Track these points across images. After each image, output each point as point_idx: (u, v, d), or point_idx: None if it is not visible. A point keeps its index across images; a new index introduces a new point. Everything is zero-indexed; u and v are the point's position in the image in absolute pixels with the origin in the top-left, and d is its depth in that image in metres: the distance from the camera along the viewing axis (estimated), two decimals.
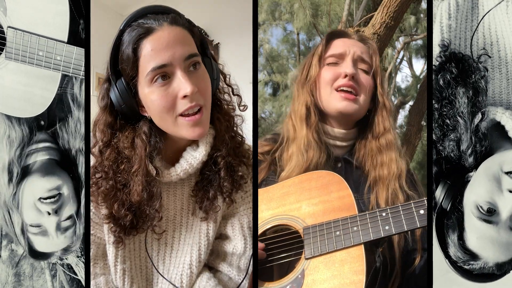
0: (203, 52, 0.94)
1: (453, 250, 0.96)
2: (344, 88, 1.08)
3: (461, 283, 0.98)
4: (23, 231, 1.11)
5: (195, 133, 0.89)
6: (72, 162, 1.13)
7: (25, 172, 1.11)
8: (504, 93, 1.02)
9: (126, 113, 0.92)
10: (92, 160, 0.96)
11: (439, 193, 0.98)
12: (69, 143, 1.13)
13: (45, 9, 1.08)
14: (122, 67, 0.89)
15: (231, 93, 1.03)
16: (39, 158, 1.12)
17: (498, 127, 0.99)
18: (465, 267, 0.95)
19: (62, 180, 1.11)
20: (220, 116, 0.98)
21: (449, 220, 0.96)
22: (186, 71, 0.87)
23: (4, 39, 1.08)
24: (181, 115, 0.88)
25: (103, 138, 0.93)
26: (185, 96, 0.86)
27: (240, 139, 1.03)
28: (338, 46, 1.12)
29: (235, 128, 1.02)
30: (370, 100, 1.12)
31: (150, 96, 0.88)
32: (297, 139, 1.10)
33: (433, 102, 1.00)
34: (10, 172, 1.10)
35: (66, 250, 1.13)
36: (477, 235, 0.92)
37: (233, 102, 1.03)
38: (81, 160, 1.11)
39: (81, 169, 1.11)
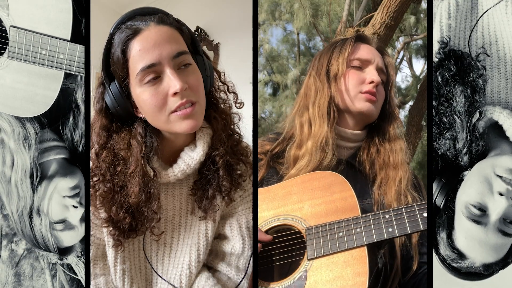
0: (195, 50, 0.95)
1: (442, 248, 0.96)
2: (368, 93, 1.11)
3: (461, 284, 0.99)
4: (50, 232, 1.12)
5: (188, 126, 0.89)
6: (81, 157, 1.14)
7: (44, 172, 1.12)
8: (503, 92, 1.02)
9: (121, 115, 0.93)
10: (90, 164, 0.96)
11: (433, 191, 0.98)
12: (75, 139, 1.14)
13: (47, 7, 1.08)
14: (113, 69, 0.90)
15: (226, 91, 1.02)
16: (52, 157, 1.13)
17: (495, 127, 0.99)
18: (454, 265, 0.96)
19: (80, 176, 1.13)
20: (216, 115, 0.98)
21: (440, 218, 0.96)
22: (176, 69, 0.88)
23: (7, 38, 1.08)
24: (174, 112, 0.88)
25: (99, 141, 0.94)
26: (175, 94, 0.86)
27: (238, 137, 1.03)
28: (364, 51, 1.14)
29: (232, 126, 1.02)
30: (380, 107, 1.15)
31: (142, 96, 0.88)
32: (314, 137, 1.09)
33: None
34: (31, 176, 1.10)
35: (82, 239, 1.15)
36: (466, 235, 0.92)
37: (229, 100, 1.03)
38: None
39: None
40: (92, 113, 0.99)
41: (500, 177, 0.91)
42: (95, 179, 0.94)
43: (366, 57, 1.13)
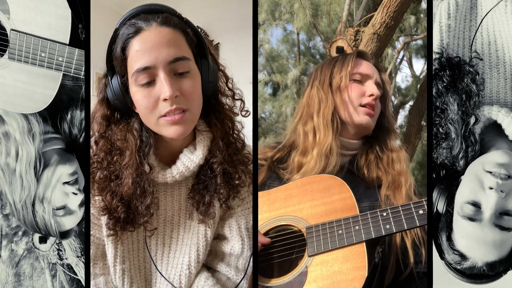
0: (201, 53, 0.94)
1: (445, 253, 0.97)
2: (368, 106, 1.16)
3: (461, 284, 0.99)
4: (53, 217, 1.14)
5: (175, 132, 0.89)
6: (79, 148, 1.16)
7: (46, 161, 1.14)
8: (502, 92, 1.03)
9: (120, 108, 0.94)
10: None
11: (435, 198, 0.99)
12: (73, 132, 1.15)
13: (47, 13, 1.10)
14: (114, 64, 0.91)
15: (232, 98, 1.01)
16: (51, 147, 1.15)
17: (494, 126, 1.00)
18: (458, 267, 0.96)
19: (76, 163, 1.15)
20: (217, 122, 0.98)
21: (440, 222, 0.97)
22: (171, 74, 0.87)
23: (7, 41, 1.10)
24: (163, 116, 0.88)
25: (99, 130, 0.95)
26: (165, 99, 0.86)
27: (240, 145, 1.02)
28: (364, 67, 1.20)
29: (235, 134, 1.01)
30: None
31: (135, 96, 0.89)
32: (319, 145, 1.13)
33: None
34: (35, 167, 1.13)
35: (79, 224, 1.17)
36: (463, 234, 0.93)
37: (235, 106, 1.02)
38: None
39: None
40: (93, 106, 1.00)
41: (490, 172, 0.91)
42: (93, 165, 0.95)
43: (367, 72, 1.19)
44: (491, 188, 0.90)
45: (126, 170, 0.91)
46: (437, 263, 1.00)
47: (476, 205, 0.91)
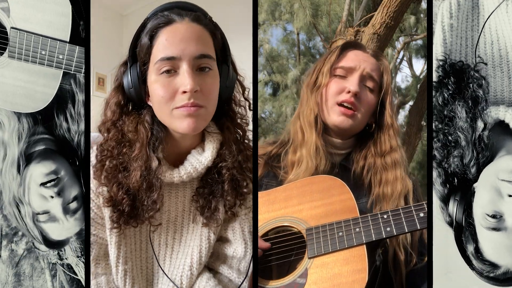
0: (223, 58, 0.95)
1: (475, 263, 0.97)
2: (345, 104, 1.09)
3: (461, 284, 0.99)
4: (34, 222, 1.13)
5: (188, 125, 0.88)
6: (72, 148, 1.14)
7: (27, 162, 1.13)
8: (506, 91, 1.02)
9: (134, 97, 0.94)
10: (101, 138, 0.97)
11: (452, 209, 0.98)
12: (70, 130, 1.14)
13: (48, 11, 1.11)
14: (138, 51, 0.91)
15: (247, 107, 1.02)
16: (38, 147, 1.14)
17: (501, 126, 0.99)
18: (491, 275, 0.96)
19: (58, 164, 1.12)
20: (230, 125, 0.98)
21: (464, 234, 0.97)
22: (194, 69, 0.88)
23: (7, 39, 1.10)
24: (178, 108, 0.88)
25: (112, 117, 0.95)
26: (184, 92, 0.87)
27: (250, 154, 1.02)
28: (350, 59, 1.13)
29: (246, 142, 1.01)
30: (369, 115, 1.13)
31: (154, 84, 0.89)
32: (307, 144, 1.11)
33: (434, 120, 1.00)
34: (18, 166, 1.12)
35: (80, 234, 1.14)
36: (491, 245, 0.93)
37: (247, 116, 1.02)
38: (82, 145, 1.13)
39: (82, 154, 1.13)
40: (92, 112, 1.00)
41: (505, 181, 0.91)
42: (103, 153, 0.95)
43: (350, 65, 1.11)
44: (510, 196, 0.90)
45: (135, 162, 0.91)
46: (437, 262, 1.00)
47: (498, 214, 0.91)
